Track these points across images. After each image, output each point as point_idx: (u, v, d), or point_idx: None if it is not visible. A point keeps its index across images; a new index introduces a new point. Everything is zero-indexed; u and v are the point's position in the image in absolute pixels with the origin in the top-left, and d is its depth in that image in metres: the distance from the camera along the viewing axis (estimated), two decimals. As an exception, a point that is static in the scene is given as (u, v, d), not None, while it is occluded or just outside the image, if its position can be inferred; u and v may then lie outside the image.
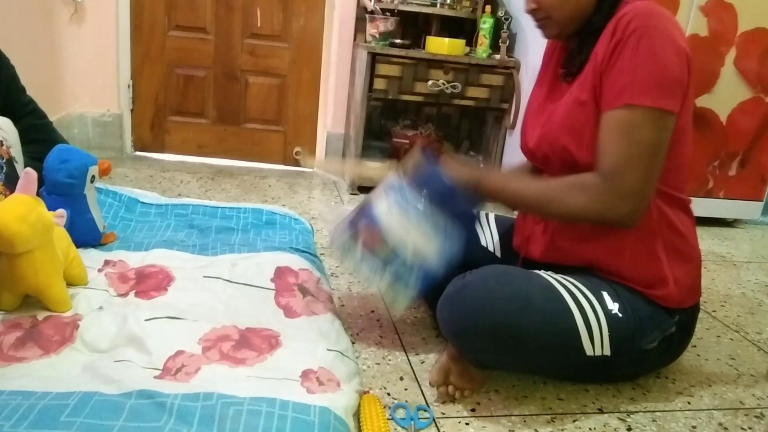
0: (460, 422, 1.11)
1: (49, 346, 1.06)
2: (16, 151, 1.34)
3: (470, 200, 1.21)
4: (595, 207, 1.07)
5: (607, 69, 1.07)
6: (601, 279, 1.18)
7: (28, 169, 1.15)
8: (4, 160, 1.27)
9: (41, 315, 1.14)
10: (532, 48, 2.47)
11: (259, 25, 2.80)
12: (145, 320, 1.14)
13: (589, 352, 1.12)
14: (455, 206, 1.20)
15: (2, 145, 1.28)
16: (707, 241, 2.48)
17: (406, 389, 1.20)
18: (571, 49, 1.20)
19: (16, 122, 1.39)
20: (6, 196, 1.19)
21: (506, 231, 1.45)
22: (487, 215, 1.51)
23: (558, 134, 1.16)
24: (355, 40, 2.78)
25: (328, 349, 1.14)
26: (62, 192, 1.41)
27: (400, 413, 1.11)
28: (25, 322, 1.11)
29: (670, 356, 1.29)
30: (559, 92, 1.22)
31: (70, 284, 1.24)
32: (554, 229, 1.23)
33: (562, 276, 1.16)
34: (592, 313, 1.12)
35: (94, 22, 2.65)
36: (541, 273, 1.16)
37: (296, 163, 3.00)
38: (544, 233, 1.25)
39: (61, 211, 1.18)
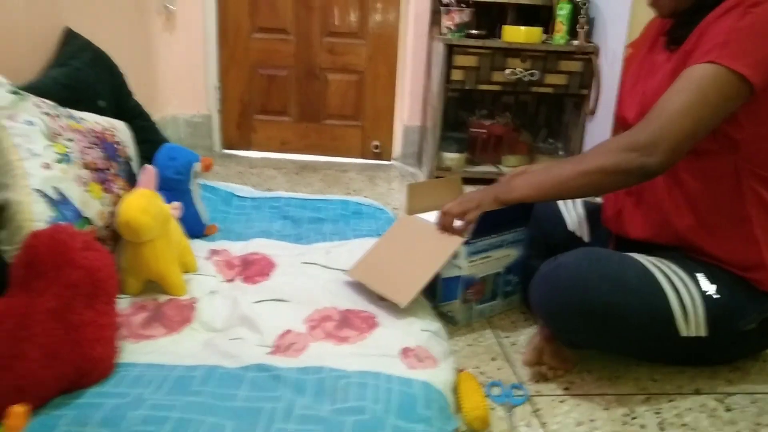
0: (554, 400, 1.14)
1: (172, 326, 1.17)
2: (132, 151, 1.47)
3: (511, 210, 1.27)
4: (628, 148, 1.06)
5: (707, 30, 1.06)
6: (697, 262, 1.17)
7: (148, 165, 1.27)
8: (123, 159, 1.40)
9: (162, 298, 1.26)
10: (612, 32, 2.42)
11: (336, 23, 2.89)
12: (254, 303, 1.24)
13: (683, 332, 1.11)
14: (505, 218, 1.34)
15: (120, 145, 1.41)
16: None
17: (499, 369, 1.23)
18: (680, 20, 1.18)
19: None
20: (127, 191, 1.30)
21: (593, 213, 1.46)
22: (574, 201, 1.52)
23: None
24: (430, 33, 2.82)
25: (422, 330, 1.20)
26: (170, 187, 1.53)
27: (496, 391, 1.15)
28: (149, 304, 1.23)
29: (770, 339, 1.26)
30: (658, 64, 1.21)
31: (183, 271, 1.35)
32: (647, 201, 1.22)
33: (656, 258, 1.17)
34: (686, 293, 1.12)
35: (184, 29, 2.81)
36: (634, 255, 1.17)
37: (375, 156, 3.08)
38: (636, 206, 1.25)
39: (178, 204, 1.29)
